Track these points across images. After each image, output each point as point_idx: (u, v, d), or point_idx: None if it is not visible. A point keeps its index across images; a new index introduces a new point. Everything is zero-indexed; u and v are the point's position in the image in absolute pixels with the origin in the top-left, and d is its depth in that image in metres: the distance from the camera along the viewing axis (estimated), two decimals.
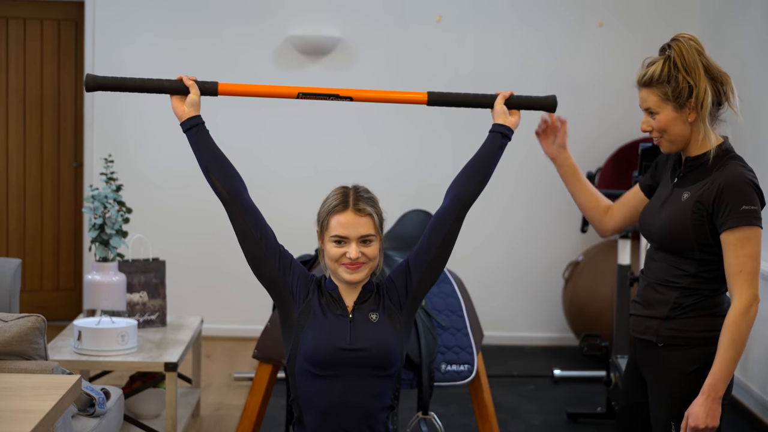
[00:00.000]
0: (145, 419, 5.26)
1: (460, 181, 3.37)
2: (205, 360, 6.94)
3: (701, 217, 3.36)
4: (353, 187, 3.35)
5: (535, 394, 6.55)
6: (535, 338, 7.75)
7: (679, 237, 3.38)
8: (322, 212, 3.33)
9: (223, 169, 3.33)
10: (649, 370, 3.50)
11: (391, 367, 3.27)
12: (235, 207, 3.31)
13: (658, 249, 3.50)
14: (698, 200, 3.36)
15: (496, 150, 3.40)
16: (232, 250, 7.64)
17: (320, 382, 3.25)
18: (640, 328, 3.52)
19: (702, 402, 3.31)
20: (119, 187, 5.18)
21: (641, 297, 3.55)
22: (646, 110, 3.46)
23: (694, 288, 3.40)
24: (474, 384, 4.93)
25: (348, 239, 3.25)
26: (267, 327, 4.81)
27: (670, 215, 3.42)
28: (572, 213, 7.53)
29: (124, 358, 5.00)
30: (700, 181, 3.39)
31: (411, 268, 3.34)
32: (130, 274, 5.48)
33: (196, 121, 3.35)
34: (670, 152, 3.50)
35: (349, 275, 3.26)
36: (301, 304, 3.31)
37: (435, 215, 3.36)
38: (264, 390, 4.85)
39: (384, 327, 3.29)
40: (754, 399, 6.04)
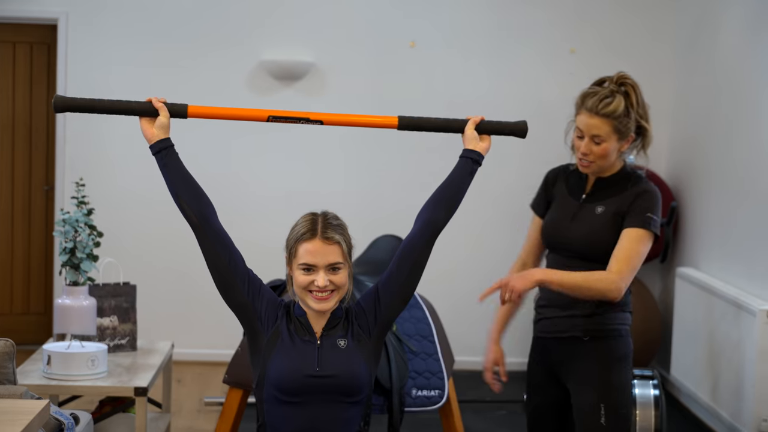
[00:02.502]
0: None
1: (430, 206, 3.36)
2: (176, 384, 6.92)
3: (617, 226, 3.83)
4: (322, 214, 3.35)
5: (506, 420, 6.55)
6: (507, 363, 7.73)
7: (600, 247, 3.83)
8: (290, 239, 3.32)
9: (192, 193, 3.31)
10: (572, 364, 3.88)
11: (359, 394, 3.26)
12: (203, 231, 3.30)
13: (574, 257, 3.88)
14: (615, 212, 3.83)
15: (467, 175, 3.40)
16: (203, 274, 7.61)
17: (288, 408, 3.24)
18: (560, 327, 3.93)
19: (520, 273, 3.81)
20: (90, 210, 5.16)
21: (556, 300, 3.93)
22: (592, 137, 3.84)
23: None
24: (445, 409, 4.92)
25: (316, 267, 3.24)
26: (237, 352, 4.80)
27: (588, 228, 3.86)
28: None
29: (93, 382, 4.97)
30: (614, 197, 3.86)
31: (380, 294, 3.34)
32: (101, 298, 5.46)
33: (165, 144, 3.33)
34: (591, 174, 3.93)
35: (317, 305, 3.26)
36: (270, 330, 3.30)
37: (404, 241, 3.35)
38: (234, 415, 4.83)
39: (352, 353, 3.28)
40: (724, 425, 6.06)
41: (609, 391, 3.81)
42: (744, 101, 6.21)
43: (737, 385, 5.84)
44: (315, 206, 7.68)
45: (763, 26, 6.07)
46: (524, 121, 3.60)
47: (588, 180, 3.94)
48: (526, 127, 3.58)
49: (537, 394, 4.05)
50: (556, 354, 3.93)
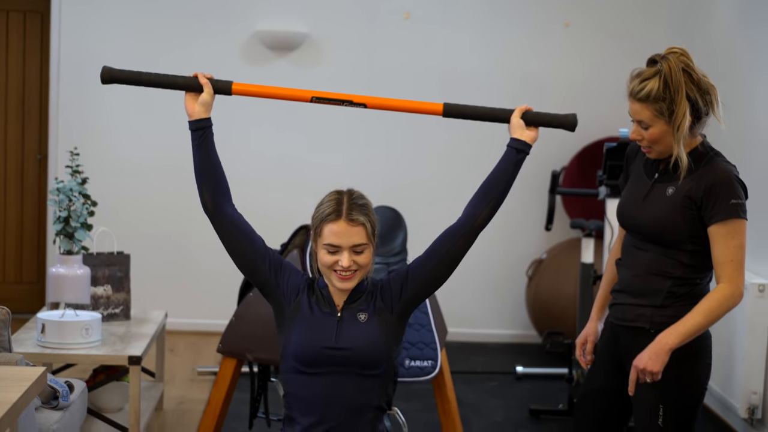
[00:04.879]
0: (108, 412, 5.26)
1: (475, 199, 3.33)
2: (169, 354, 6.94)
3: (691, 211, 3.52)
4: (347, 193, 3.32)
5: (497, 391, 6.58)
6: (498, 335, 7.79)
7: (670, 230, 3.54)
8: (315, 218, 3.31)
9: (215, 181, 3.32)
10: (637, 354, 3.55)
11: (376, 367, 3.27)
12: (218, 220, 3.31)
13: (645, 240, 3.62)
14: (686, 195, 3.53)
15: (512, 166, 3.35)
16: (198, 244, 7.66)
17: (306, 378, 3.27)
18: (629, 316, 3.65)
19: (649, 348, 3.49)
20: (84, 180, 5.17)
21: (628, 286, 3.68)
22: (638, 122, 3.57)
23: (686, 277, 3.57)
24: (437, 380, 4.96)
25: (341, 248, 3.25)
26: (232, 321, 4.82)
27: (658, 210, 3.57)
28: (537, 211, 7.57)
29: (87, 351, 5.00)
30: (686, 177, 3.54)
31: (409, 278, 3.34)
32: (95, 267, 5.48)
33: (204, 124, 3.33)
34: (658, 158, 3.63)
35: (341, 284, 3.27)
36: (292, 303, 3.32)
37: (446, 230, 3.33)
38: (228, 384, 4.87)
39: (371, 327, 3.29)
40: (714, 398, 6.10)
41: (671, 390, 3.54)
42: (737, 82, 6.22)
43: (727, 359, 5.88)
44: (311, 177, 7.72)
45: (755, 7, 6.07)
46: (574, 114, 3.49)
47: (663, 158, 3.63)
48: (576, 121, 3.44)
49: (596, 377, 3.79)
50: (624, 342, 3.68)
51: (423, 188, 7.56)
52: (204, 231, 7.47)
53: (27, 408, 3.75)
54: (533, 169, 7.58)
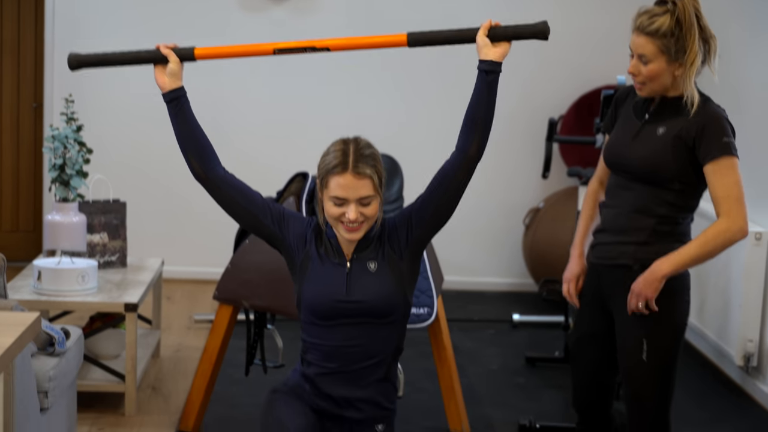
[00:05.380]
0: (104, 359, 5.28)
1: (463, 131, 3.27)
2: (166, 302, 6.96)
3: (681, 150, 3.60)
4: (353, 142, 3.26)
5: (494, 339, 6.61)
6: (495, 284, 7.80)
7: (659, 168, 3.61)
8: (321, 168, 3.26)
9: (199, 148, 3.30)
10: (620, 294, 3.69)
11: (390, 315, 3.27)
12: (211, 184, 3.30)
13: (632, 180, 3.69)
14: (677, 135, 3.60)
15: (487, 89, 3.21)
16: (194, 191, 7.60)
17: (323, 330, 3.28)
18: (612, 254, 3.73)
19: (644, 274, 3.60)
20: (80, 127, 5.16)
21: (611, 225, 3.76)
22: (639, 56, 3.61)
23: (670, 216, 3.66)
24: (433, 327, 4.97)
25: (347, 201, 3.21)
26: (228, 269, 4.83)
27: (648, 148, 3.64)
28: (533, 159, 7.56)
29: (84, 298, 5.01)
30: (677, 118, 3.61)
31: (413, 219, 3.31)
32: (91, 215, 5.48)
33: (177, 94, 3.31)
34: (646, 97, 3.70)
35: (348, 234, 3.25)
36: (301, 253, 3.31)
37: (443, 166, 3.30)
38: (224, 331, 4.88)
39: (382, 276, 3.28)
40: (710, 345, 6.13)
41: (654, 325, 3.64)
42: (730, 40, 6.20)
43: (724, 306, 5.90)
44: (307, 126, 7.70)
45: None
46: (544, 22, 3.28)
47: (653, 100, 3.70)
48: (547, 28, 3.27)
49: (584, 323, 3.88)
50: (606, 282, 3.75)
51: (419, 135, 7.54)
52: None
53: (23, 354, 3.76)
54: (530, 117, 7.56)
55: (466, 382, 5.65)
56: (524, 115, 7.57)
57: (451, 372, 5.02)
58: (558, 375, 5.91)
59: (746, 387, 5.74)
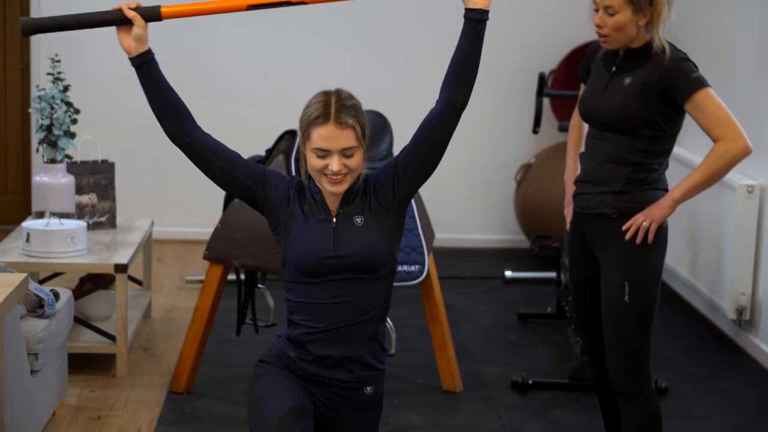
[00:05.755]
0: (95, 321, 5.27)
1: (447, 82, 3.23)
2: (156, 263, 6.95)
3: (648, 98, 3.75)
4: (335, 94, 3.23)
5: (486, 296, 6.61)
6: (487, 240, 7.80)
7: (628, 117, 3.76)
8: (303, 121, 3.23)
9: (174, 112, 3.24)
10: (602, 241, 3.88)
11: (379, 270, 3.24)
12: (190, 148, 3.24)
13: (606, 130, 3.85)
14: (643, 82, 3.75)
15: (474, 38, 3.20)
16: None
17: (311, 287, 3.24)
18: (591, 203, 3.89)
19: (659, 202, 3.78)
20: (66, 87, 5.13)
21: (589, 176, 3.91)
22: (605, 8, 3.76)
23: (644, 163, 3.81)
24: (425, 285, 4.97)
25: (330, 152, 3.17)
26: (218, 228, 4.82)
27: (617, 99, 3.80)
28: (524, 114, 7.53)
29: (73, 259, 5.00)
30: (641, 67, 3.77)
31: (399, 171, 3.27)
32: (79, 175, 5.45)
33: (144, 58, 3.23)
34: (612, 49, 3.85)
35: (332, 187, 3.20)
36: (285, 212, 3.26)
37: (426, 118, 3.25)
38: (215, 291, 4.87)
39: (369, 230, 3.24)
40: (703, 300, 6.14)
41: (635, 269, 3.79)
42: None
43: (716, 261, 5.91)
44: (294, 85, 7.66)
45: None
46: None
47: (618, 52, 3.85)
48: None
49: (577, 270, 4.04)
50: (589, 229, 3.91)
51: (409, 91, 7.50)
52: None
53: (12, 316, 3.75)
54: (520, 71, 7.53)
55: (458, 339, 5.65)
56: (514, 70, 7.54)
57: (444, 329, 5.03)
58: (550, 331, 5.92)
59: (739, 340, 5.75)
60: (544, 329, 5.96)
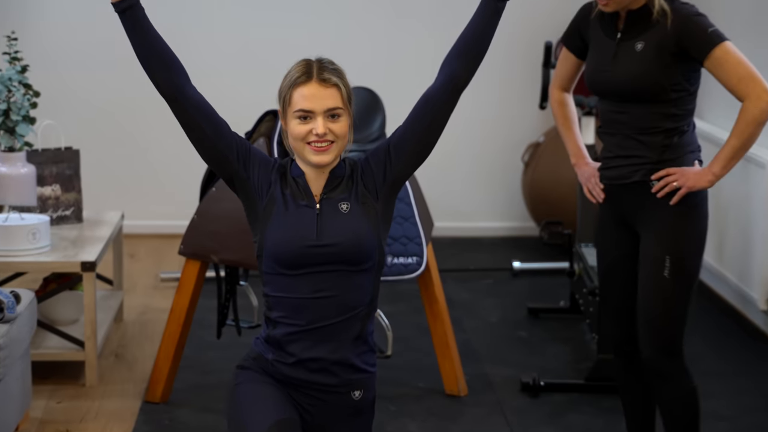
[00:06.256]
0: (61, 325, 5.27)
1: (452, 58, 3.26)
2: (128, 259, 6.95)
3: (666, 60, 3.81)
4: (317, 59, 3.28)
5: (492, 289, 6.62)
6: (492, 228, 7.80)
7: (649, 85, 3.83)
8: (283, 87, 3.26)
9: (164, 62, 3.23)
10: (642, 211, 3.93)
11: (366, 261, 3.24)
12: (179, 103, 3.24)
13: (625, 101, 3.90)
14: (658, 45, 3.81)
15: (491, 17, 3.25)
16: (155, 136, 7.62)
17: (291, 280, 3.23)
18: (624, 173, 3.93)
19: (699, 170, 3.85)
20: (25, 68, 5.13)
21: (617, 150, 3.96)
22: None
23: (674, 128, 3.88)
24: (423, 278, 4.97)
25: (313, 113, 3.18)
26: (194, 220, 4.82)
27: (632, 67, 3.85)
28: (531, 89, 7.52)
29: (36, 258, 5.00)
30: (651, 30, 3.83)
31: (392, 152, 3.28)
32: (41, 165, 5.45)
33: (130, 2, 3.22)
34: (613, 11, 3.89)
35: (316, 156, 3.20)
36: (265, 198, 3.26)
37: (423, 95, 3.27)
38: (192, 289, 4.87)
39: (356, 217, 3.24)
40: (731, 289, 6.13)
41: (676, 241, 3.87)
42: None
43: (745, 245, 5.90)
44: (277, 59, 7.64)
45: None
46: None
47: (619, 16, 3.90)
48: None
49: (609, 249, 4.09)
50: (627, 200, 3.96)
51: (404, 67, 7.50)
52: (161, 121, 7.43)
53: None
54: (525, 40, 7.52)
55: (462, 337, 5.66)
56: (519, 40, 7.53)
57: (445, 327, 5.03)
58: (563, 327, 5.93)
59: None
60: (556, 325, 5.97)
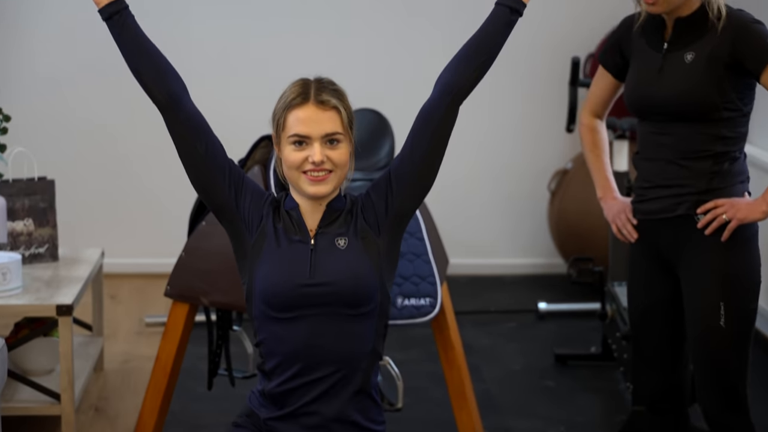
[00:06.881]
0: (34, 375, 5.29)
1: (454, 65, 3.32)
2: (109, 302, 6.97)
3: (718, 72, 3.79)
4: (315, 79, 3.32)
5: (515, 333, 6.63)
6: (514, 265, 7.82)
7: (701, 100, 3.79)
8: (277, 109, 3.30)
9: (156, 67, 3.30)
10: (685, 250, 3.87)
11: (366, 304, 3.26)
12: (173, 114, 3.29)
13: (670, 121, 3.85)
14: (711, 55, 3.77)
15: (502, 28, 3.36)
16: (138, 165, 7.64)
17: (282, 326, 3.25)
18: (665, 206, 3.88)
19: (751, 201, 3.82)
20: None
21: (656, 179, 3.92)
22: None
23: (725, 151, 3.85)
24: (437, 322, 4.98)
25: (310, 139, 3.22)
26: (181, 258, 4.84)
27: (681, 80, 3.81)
28: (557, 109, 7.53)
29: (6, 300, 5.01)
30: (702, 39, 3.80)
31: (393, 181, 3.31)
32: (11, 197, 5.48)
33: (117, 7, 3.30)
34: (660, 13, 3.85)
35: (313, 187, 3.24)
36: (255, 233, 3.29)
37: (419, 113, 3.32)
38: (180, 335, 4.88)
39: (355, 254, 3.27)
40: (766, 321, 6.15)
41: (730, 283, 3.82)
42: None
43: None
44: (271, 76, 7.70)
45: None
46: None
47: (666, 25, 3.89)
48: None
49: (643, 294, 4.05)
50: (666, 238, 3.92)
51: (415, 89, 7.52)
52: (145, 148, 7.49)
53: None
54: (550, 56, 7.55)
55: (481, 387, 5.68)
56: (543, 55, 7.56)
57: (462, 375, 5.04)
58: (594, 375, 5.94)
59: None
60: (586, 373, 5.98)
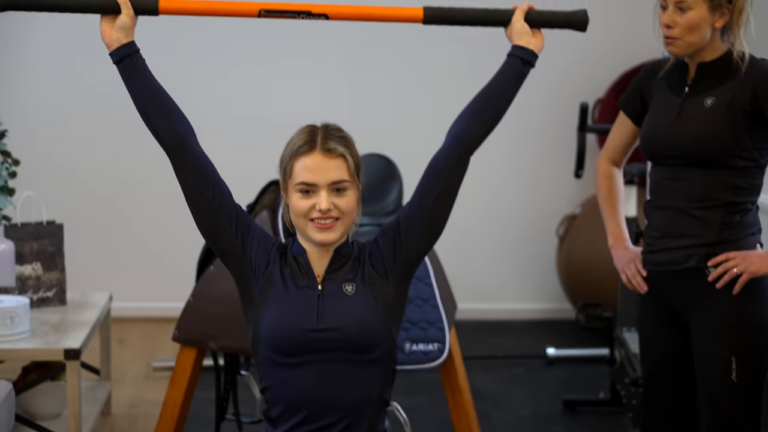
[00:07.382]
0: (42, 420, 5.29)
1: (466, 116, 3.33)
2: (117, 346, 6.97)
3: (737, 120, 3.76)
4: (322, 126, 3.33)
5: (523, 379, 6.62)
6: (523, 310, 7.81)
7: (718, 146, 3.76)
8: (284, 156, 3.30)
9: (165, 111, 3.30)
10: (694, 303, 3.83)
11: (373, 350, 3.25)
12: (181, 157, 3.29)
13: (684, 165, 3.82)
14: (731, 102, 3.74)
15: (515, 80, 3.36)
16: (146, 209, 7.65)
17: (288, 372, 3.25)
18: (679, 258, 3.84)
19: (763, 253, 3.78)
20: (2, 133, 5.18)
21: (666, 228, 3.89)
22: (675, 3, 3.79)
23: (737, 202, 3.82)
24: (446, 367, 4.97)
25: (316, 187, 3.23)
26: (189, 302, 4.84)
27: (700, 125, 3.78)
28: (565, 154, 7.55)
29: (13, 344, 5.01)
30: (724, 84, 3.78)
31: (401, 229, 3.32)
32: (20, 241, 5.48)
33: (128, 51, 3.31)
34: (680, 55, 3.84)
35: (320, 234, 3.24)
36: (261, 279, 3.30)
37: (430, 162, 3.33)
38: (187, 380, 4.88)
39: (362, 300, 3.27)
40: None
41: (742, 337, 3.78)
42: None
43: None
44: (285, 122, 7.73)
45: None
46: (584, 10, 3.50)
47: (689, 69, 3.88)
48: (587, 18, 3.49)
49: (654, 345, 4.03)
50: (676, 291, 3.89)
51: (423, 135, 7.53)
52: (154, 192, 7.50)
53: None
54: (560, 103, 7.57)
55: None
56: (552, 101, 7.58)
57: (471, 422, 5.03)
58: (603, 421, 5.92)
59: None
60: (595, 419, 5.97)
